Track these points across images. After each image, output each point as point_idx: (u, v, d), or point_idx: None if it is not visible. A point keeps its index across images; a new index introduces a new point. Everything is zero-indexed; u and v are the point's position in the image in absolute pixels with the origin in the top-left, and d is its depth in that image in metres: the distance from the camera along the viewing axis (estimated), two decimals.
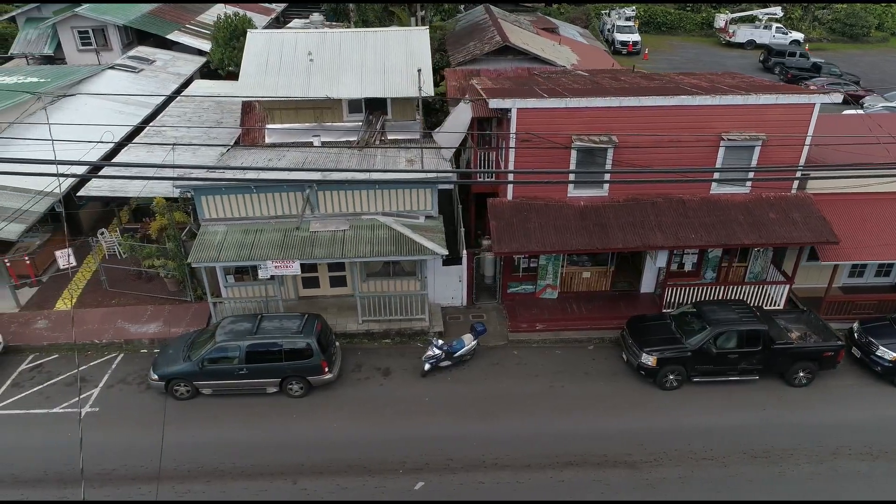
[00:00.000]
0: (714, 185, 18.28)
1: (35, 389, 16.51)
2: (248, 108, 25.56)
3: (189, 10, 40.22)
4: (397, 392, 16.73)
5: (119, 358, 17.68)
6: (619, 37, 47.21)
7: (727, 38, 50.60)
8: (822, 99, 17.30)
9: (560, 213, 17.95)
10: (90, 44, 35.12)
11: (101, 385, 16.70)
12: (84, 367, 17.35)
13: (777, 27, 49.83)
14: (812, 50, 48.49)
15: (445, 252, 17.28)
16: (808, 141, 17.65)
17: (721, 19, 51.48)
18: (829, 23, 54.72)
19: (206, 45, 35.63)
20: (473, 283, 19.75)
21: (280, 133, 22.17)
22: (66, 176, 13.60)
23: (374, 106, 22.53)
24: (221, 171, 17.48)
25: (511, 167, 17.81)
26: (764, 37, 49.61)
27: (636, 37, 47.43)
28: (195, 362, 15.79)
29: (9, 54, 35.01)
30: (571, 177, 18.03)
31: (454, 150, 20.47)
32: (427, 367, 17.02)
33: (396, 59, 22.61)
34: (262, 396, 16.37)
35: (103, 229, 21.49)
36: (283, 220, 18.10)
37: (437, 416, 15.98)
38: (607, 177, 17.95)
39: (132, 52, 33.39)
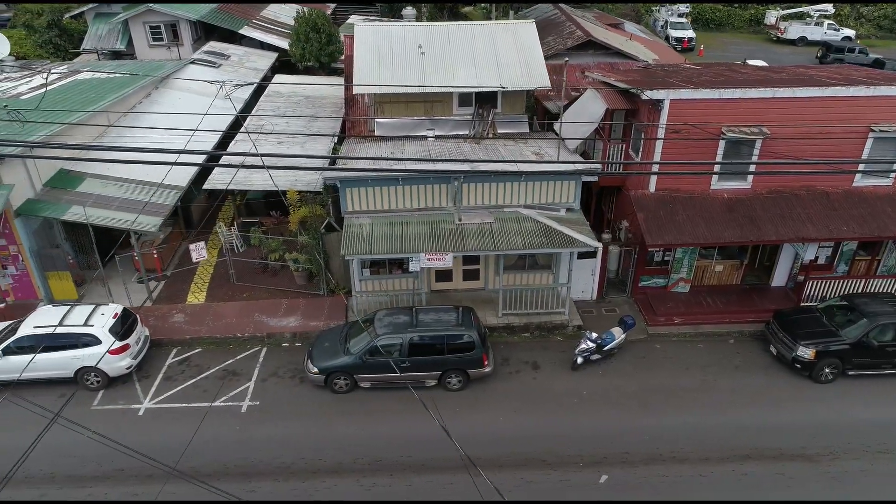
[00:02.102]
0: (857, 176, 18.13)
1: (189, 383, 16.33)
2: (351, 100, 25.40)
3: (252, 7, 40.04)
4: (553, 385, 16.56)
5: (263, 352, 17.52)
6: (674, 33, 47.07)
7: (778, 35, 50.46)
8: None
9: (706, 206, 17.80)
10: (161, 39, 34.97)
11: (254, 379, 16.53)
12: (230, 360, 17.18)
13: (829, 24, 49.70)
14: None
15: (598, 244, 17.13)
16: None
17: (772, 16, 51.35)
18: (876, 19, 54.60)
19: (275, 40, 35.56)
20: (605, 277, 19.60)
21: (388, 126, 22.06)
22: (251, 167, 13.46)
23: (484, 99, 22.39)
24: (373, 161, 17.29)
25: (656, 158, 17.65)
26: (815, 33, 49.49)
27: (691, 33, 47.31)
28: (357, 355, 15.62)
29: (81, 49, 34.83)
30: (716, 168, 17.85)
31: (581, 141, 20.28)
32: (580, 360, 16.87)
33: (507, 52, 22.48)
34: (419, 390, 16.17)
35: (220, 223, 21.30)
36: (426, 213, 17.93)
37: (599, 410, 15.82)
38: (752, 168, 17.78)
39: (206, 48, 33.25)
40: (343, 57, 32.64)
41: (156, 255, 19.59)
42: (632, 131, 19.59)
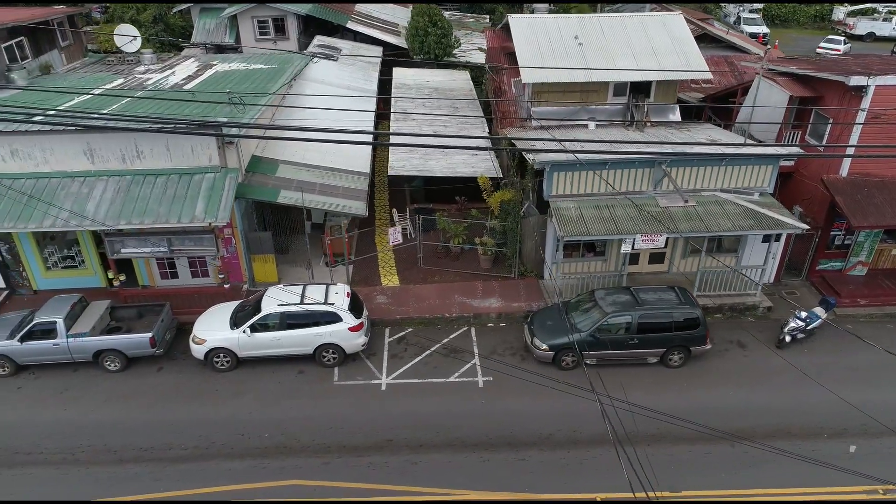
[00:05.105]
0: None
1: (417, 360, 16.83)
2: (497, 90, 25.92)
3: (345, 5, 40.50)
4: (765, 362, 17.03)
5: (473, 331, 18.00)
6: (748, 28, 47.47)
7: (847, 31, 50.90)
8: None
9: None
10: (268, 33, 35.48)
11: (476, 356, 17.02)
12: (446, 339, 17.67)
13: None
14: None
15: (805, 227, 17.60)
16: None
17: (840, 12, 51.82)
18: None
19: (378, 34, 36.08)
20: (784, 260, 20.08)
21: (546, 114, 22.50)
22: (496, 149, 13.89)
23: (639, 89, 22.89)
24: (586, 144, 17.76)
25: (853, 143, 18.14)
26: (884, 29, 49.91)
27: (765, 28, 47.77)
28: (588, 332, 16.10)
29: (191, 43, 35.31)
30: None
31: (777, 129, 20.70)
32: (788, 338, 17.35)
33: (662, 42, 23.01)
34: (641, 367, 16.70)
35: (393, 209, 21.79)
36: (629, 196, 18.40)
37: (820, 385, 16.25)
38: None
39: (317, 41, 33.75)
40: (457, 49, 33.32)
41: (346, 240, 20.06)
42: (811, 117, 20.05)
